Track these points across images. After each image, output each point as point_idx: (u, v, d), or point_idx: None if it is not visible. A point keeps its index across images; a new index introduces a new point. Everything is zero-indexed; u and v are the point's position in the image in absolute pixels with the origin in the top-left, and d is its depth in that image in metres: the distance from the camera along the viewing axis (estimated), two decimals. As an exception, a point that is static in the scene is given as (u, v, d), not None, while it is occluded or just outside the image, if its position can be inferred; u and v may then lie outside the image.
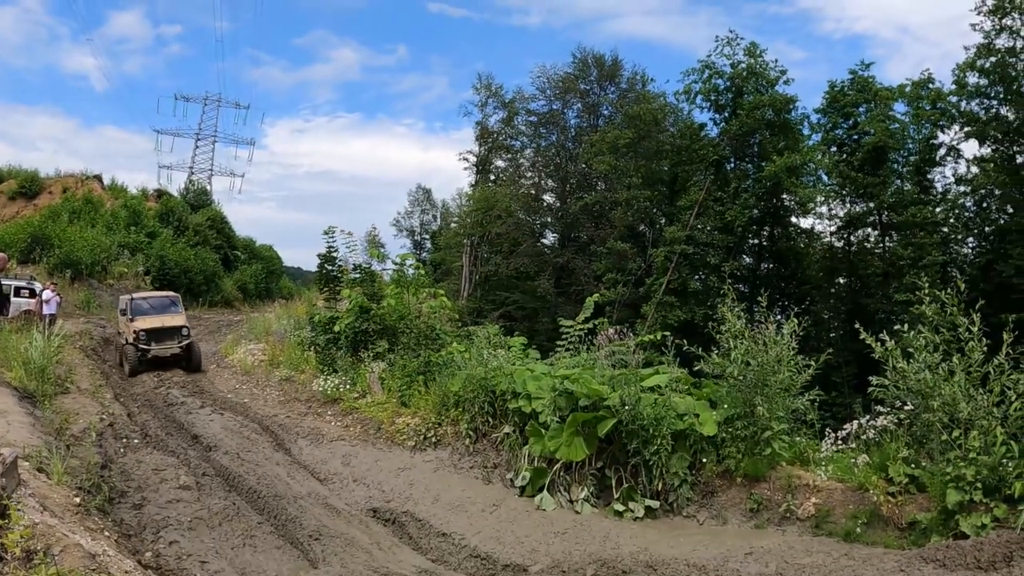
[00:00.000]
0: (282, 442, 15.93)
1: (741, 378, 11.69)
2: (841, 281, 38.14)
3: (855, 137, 35.96)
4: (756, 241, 38.05)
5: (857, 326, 12.10)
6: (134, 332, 23.33)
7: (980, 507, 9.61)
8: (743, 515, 11.22)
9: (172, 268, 40.50)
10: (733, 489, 11.58)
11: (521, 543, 11.08)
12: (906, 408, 10.67)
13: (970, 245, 38.60)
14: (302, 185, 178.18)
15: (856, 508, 10.43)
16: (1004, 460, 9.59)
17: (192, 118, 79.43)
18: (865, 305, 33.45)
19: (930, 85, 35.74)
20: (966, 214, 37.03)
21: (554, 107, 46.43)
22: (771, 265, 39.68)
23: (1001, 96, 33.08)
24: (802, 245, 38.05)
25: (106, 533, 8.72)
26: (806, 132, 37.94)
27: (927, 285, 10.95)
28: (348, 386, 17.97)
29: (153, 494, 10.66)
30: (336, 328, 19.96)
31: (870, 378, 11.37)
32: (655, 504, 11.75)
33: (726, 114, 36.96)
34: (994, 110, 33.73)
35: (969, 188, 35.99)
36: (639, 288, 34.57)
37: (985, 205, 36.77)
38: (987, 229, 36.45)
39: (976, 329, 10.32)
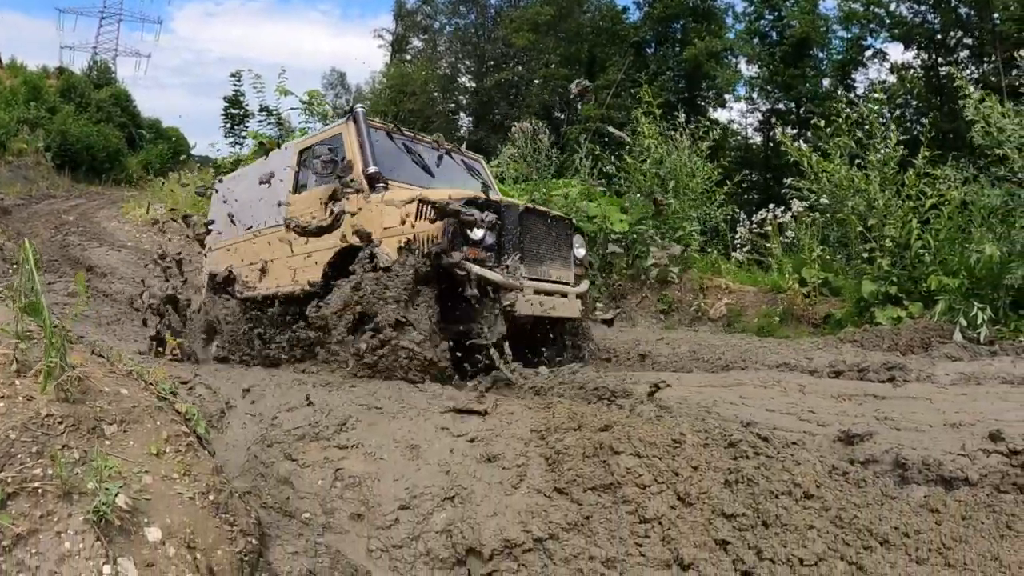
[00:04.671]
0: (181, 271, 15.43)
1: (654, 171, 11.40)
2: (755, 177, 38.23)
3: (779, 30, 35.66)
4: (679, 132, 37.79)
5: (775, 127, 11.90)
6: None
7: (895, 303, 9.48)
8: (653, 317, 11.00)
9: (74, 144, 38.52)
10: (643, 291, 11.30)
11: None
12: (822, 202, 10.47)
13: (882, 151, 38.97)
14: (212, 72, 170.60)
15: (769, 308, 10.22)
16: (920, 252, 9.43)
17: (96, -5, 75.36)
18: (775, 194, 33.65)
19: (866, -11, 35.51)
20: (880, 120, 37.14)
21: (476, -16, 45.23)
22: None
23: (930, 2, 33.09)
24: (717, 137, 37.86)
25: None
26: (730, 22, 37.61)
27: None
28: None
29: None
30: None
31: (785, 180, 11.18)
32: (562, 306, 11.35)
33: (651, -2, 36.49)
34: (921, 16, 33.76)
35: (885, 96, 36.01)
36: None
37: (899, 114, 36.92)
38: (900, 137, 36.69)
39: (893, 135, 10.14)
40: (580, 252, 7.93)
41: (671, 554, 3.47)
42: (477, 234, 6.62)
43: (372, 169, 7.53)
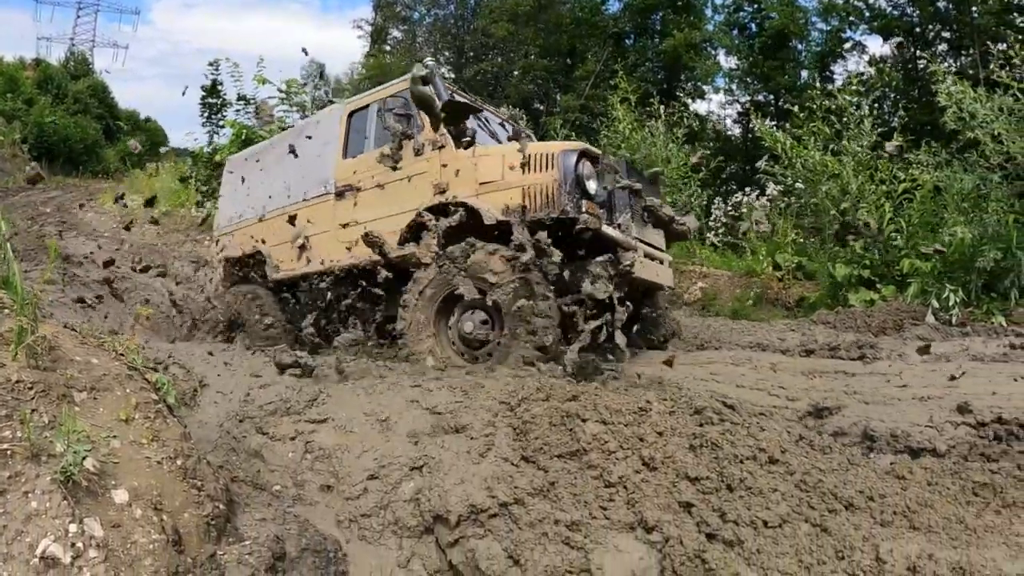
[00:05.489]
0: (156, 263, 15.47)
1: (628, 155, 11.46)
2: (733, 168, 38.35)
3: (758, 22, 35.75)
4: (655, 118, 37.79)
5: (751, 115, 12.00)
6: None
7: (868, 286, 9.57)
8: (629, 301, 11.04)
9: (51, 136, 38.19)
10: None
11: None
12: (797, 187, 10.56)
13: (860, 144, 39.10)
14: (190, 63, 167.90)
15: (744, 291, 10.29)
16: (893, 236, 9.52)
17: (73, -15, 74.44)
18: (754, 185, 33.72)
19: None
20: (855, 110, 37.24)
21: (456, -24, 44.96)
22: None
23: (909, -5, 33.30)
24: (696, 127, 37.92)
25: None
26: (709, 13, 37.65)
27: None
28: (227, 210, 17.15)
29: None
30: (217, 159, 18.95)
31: (758, 164, 11.29)
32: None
33: (630, -12, 36.47)
34: (900, 8, 33.93)
35: (864, 88, 36.06)
36: (531, 159, 34.04)
37: (877, 106, 36.98)
38: (878, 130, 36.79)
39: (867, 119, 10.24)
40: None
41: (635, 517, 3.51)
42: (592, 187, 6.08)
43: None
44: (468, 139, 6.80)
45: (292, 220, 8.28)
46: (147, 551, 2.83)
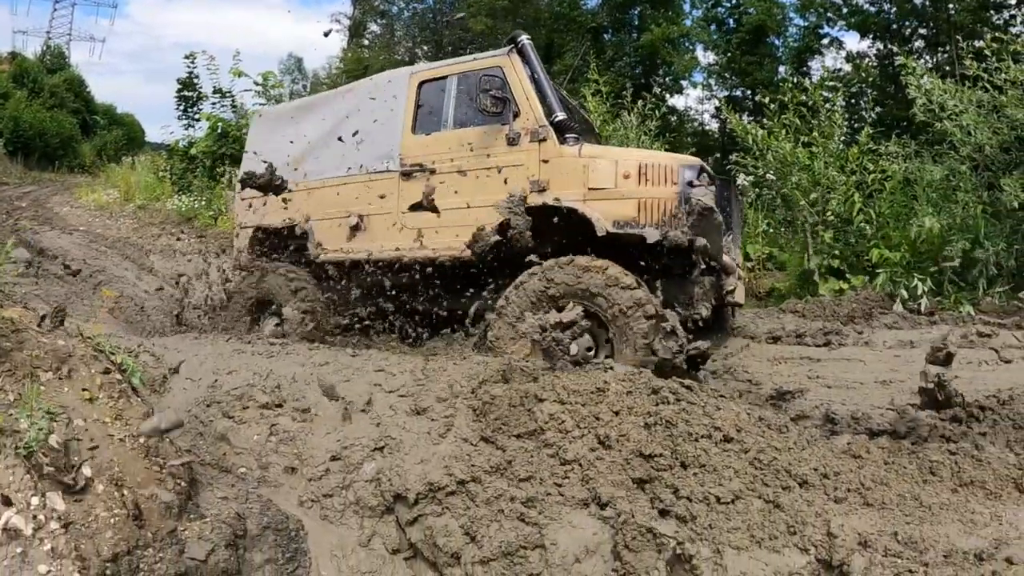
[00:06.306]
0: (132, 256, 15.42)
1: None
2: (710, 163, 38.35)
3: (736, 17, 35.87)
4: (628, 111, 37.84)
5: (723, 109, 12.09)
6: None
7: (837, 276, 9.65)
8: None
9: (26, 131, 37.79)
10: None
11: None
12: (768, 178, 10.64)
13: (838, 140, 39.26)
14: (169, 57, 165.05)
15: (714, 282, 10.37)
16: (863, 225, 9.61)
17: (50, -21, 74.10)
18: (730, 173, 33.77)
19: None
20: (827, 105, 37.35)
21: (434, -30, 44.78)
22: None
23: (886, -8, 33.47)
24: (674, 122, 38.04)
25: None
26: (687, 8, 37.73)
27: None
28: (203, 204, 17.12)
29: (-19, 279, 9.94)
30: (193, 152, 18.89)
31: (731, 156, 11.38)
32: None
33: (608, -17, 36.54)
34: (877, 4, 34.10)
35: (840, 84, 36.18)
36: (509, 152, 34.05)
37: (854, 102, 37.15)
38: (855, 125, 36.94)
39: (838, 113, 10.32)
40: None
41: (589, 493, 3.58)
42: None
43: (560, 116, 6.16)
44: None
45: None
46: (108, 525, 2.88)
